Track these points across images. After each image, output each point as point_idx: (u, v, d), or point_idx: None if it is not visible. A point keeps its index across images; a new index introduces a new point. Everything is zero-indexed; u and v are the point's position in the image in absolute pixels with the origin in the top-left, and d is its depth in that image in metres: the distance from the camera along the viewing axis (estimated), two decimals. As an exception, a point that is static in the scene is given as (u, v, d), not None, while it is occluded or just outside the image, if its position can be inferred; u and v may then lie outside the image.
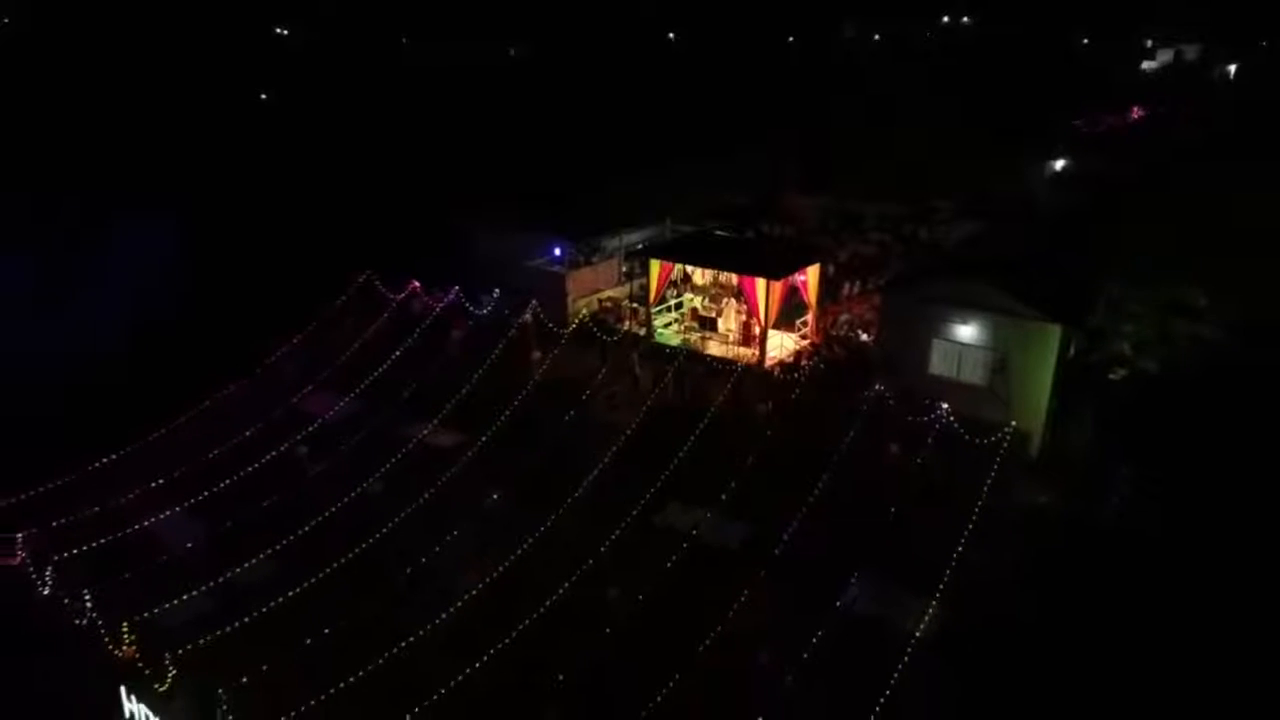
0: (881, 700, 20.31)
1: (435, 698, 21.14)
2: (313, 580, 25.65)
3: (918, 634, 22.11)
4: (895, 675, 20.84)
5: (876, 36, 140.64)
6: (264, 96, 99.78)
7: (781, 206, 51.54)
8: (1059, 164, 54.71)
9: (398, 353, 35.93)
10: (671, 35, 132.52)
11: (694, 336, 37.20)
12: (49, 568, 26.44)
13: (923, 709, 20.61)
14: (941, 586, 23.16)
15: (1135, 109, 71.16)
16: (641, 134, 62.72)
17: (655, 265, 37.07)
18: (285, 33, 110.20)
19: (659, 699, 20.71)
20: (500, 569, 25.50)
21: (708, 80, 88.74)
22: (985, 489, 25.54)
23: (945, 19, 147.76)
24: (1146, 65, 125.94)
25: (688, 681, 21.24)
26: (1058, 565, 23.86)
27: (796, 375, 32.59)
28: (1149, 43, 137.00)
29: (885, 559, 24.19)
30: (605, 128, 65.22)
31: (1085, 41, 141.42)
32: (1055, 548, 24.47)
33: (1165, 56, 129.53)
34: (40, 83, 74.66)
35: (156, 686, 23.18)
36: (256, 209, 47.76)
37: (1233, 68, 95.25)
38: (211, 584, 26.18)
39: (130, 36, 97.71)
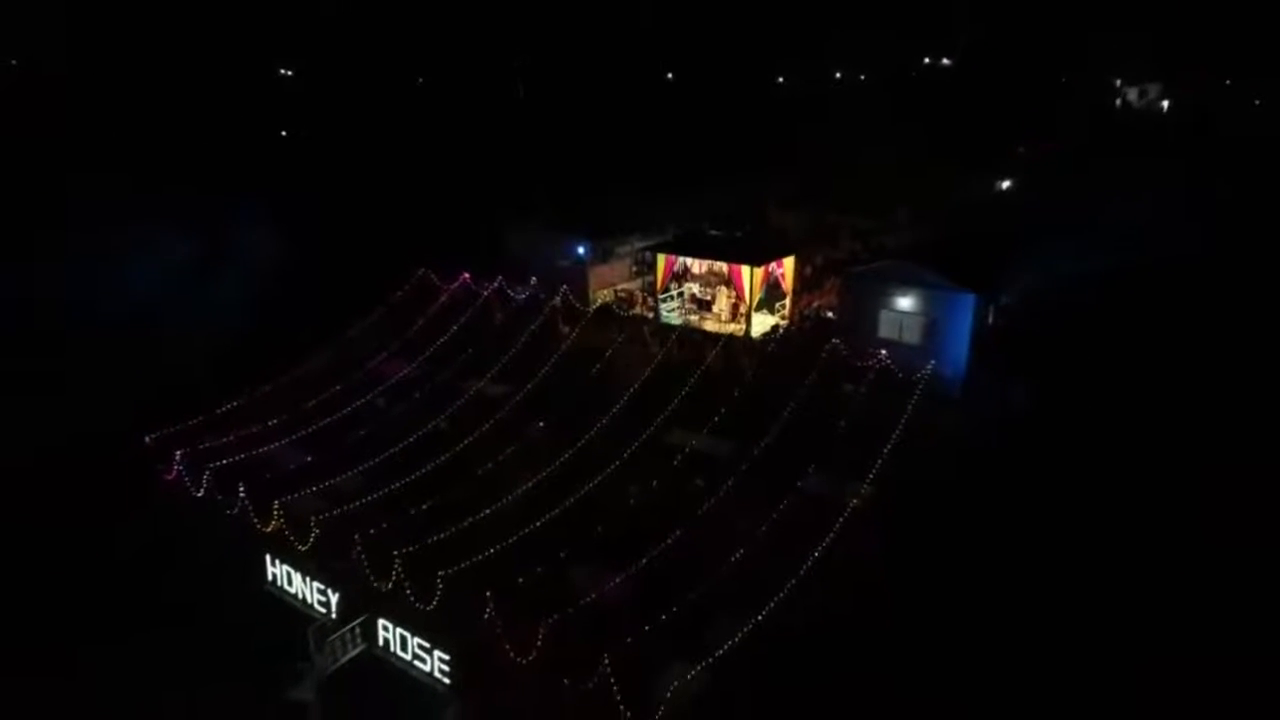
0: (824, 545, 28.73)
1: (503, 544, 29.53)
2: (404, 481, 34.12)
3: (854, 504, 30.47)
4: (835, 530, 29.24)
5: (862, 77, 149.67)
6: (284, 133, 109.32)
7: (767, 218, 60.12)
8: (1005, 184, 63.81)
9: (454, 328, 44.48)
10: (670, 75, 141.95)
11: (693, 317, 45.60)
12: (205, 475, 34.79)
13: (855, 552, 28.97)
14: (873, 475, 31.59)
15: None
16: (646, 156, 71.77)
17: (661, 259, 45.66)
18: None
19: (668, 543, 29.08)
20: (546, 471, 33.88)
21: (704, 111, 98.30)
22: (909, 409, 34.00)
23: (926, 60, 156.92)
24: (1116, 102, 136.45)
25: (688, 536, 29.64)
26: (961, 462, 32.15)
27: (774, 335, 41.20)
28: (1118, 82, 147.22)
29: (835, 457, 32.52)
30: (617, 152, 74.36)
31: (1061, 80, 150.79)
32: (960, 451, 32.76)
33: (1131, 95, 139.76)
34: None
35: (300, 547, 31.52)
36: (337, 219, 57.10)
37: (1165, 103, 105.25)
38: (322, 486, 34.56)
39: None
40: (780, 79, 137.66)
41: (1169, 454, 31.48)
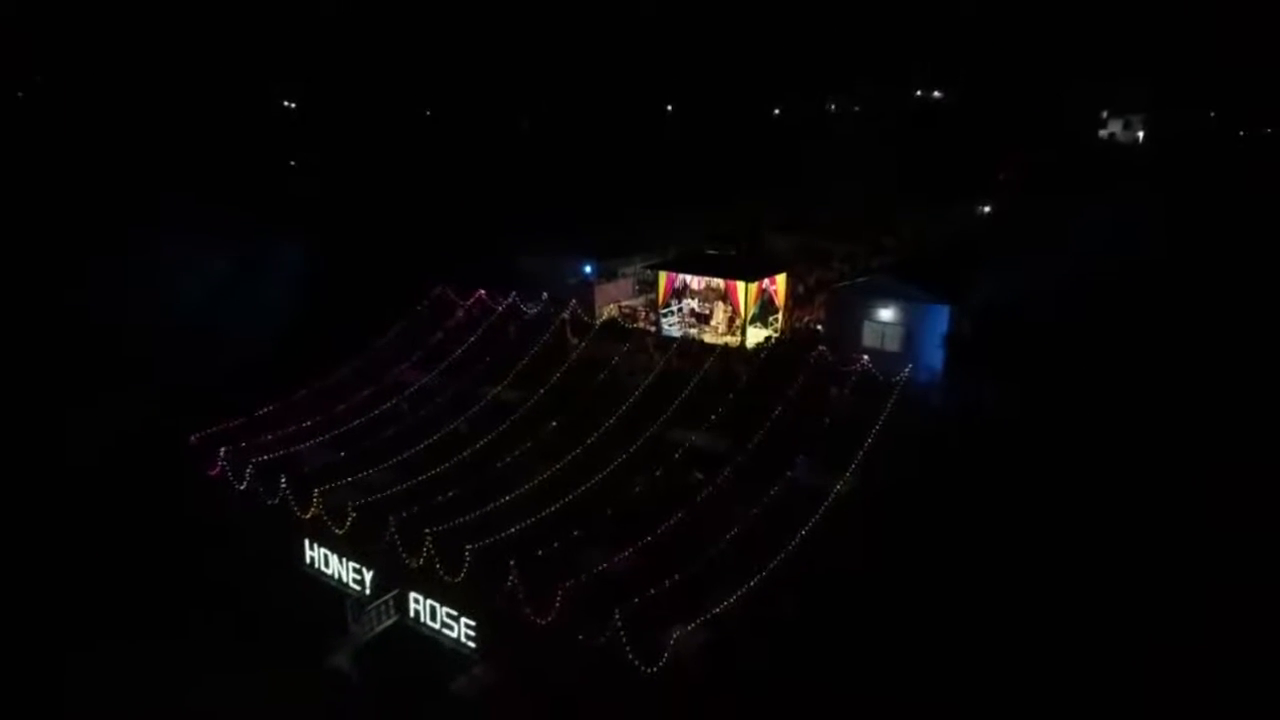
0: (809, 526, 32.09)
1: (523, 524, 32.89)
2: (430, 475, 37.50)
3: (838, 489, 33.84)
4: (819, 514, 32.62)
5: (856, 108, 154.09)
6: (292, 163, 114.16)
7: (763, 241, 63.88)
8: (986, 208, 67.93)
9: (471, 339, 48.04)
10: (669, 107, 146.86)
11: (692, 330, 49.11)
12: (248, 470, 38.17)
13: (839, 534, 32.31)
14: (854, 466, 35.00)
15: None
16: (649, 181, 76.04)
17: (662, 277, 49.27)
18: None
19: (670, 523, 32.45)
20: (559, 465, 37.25)
21: (703, 139, 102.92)
22: (888, 408, 37.46)
23: (919, 93, 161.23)
24: (1101, 133, 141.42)
25: (688, 519, 32.99)
26: (935, 455, 35.51)
27: (767, 346, 44.74)
28: (1105, 114, 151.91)
29: (821, 450, 35.91)
30: (622, 178, 78.67)
31: (1049, 113, 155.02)
32: (934, 446, 36.11)
33: (1115, 126, 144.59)
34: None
35: (337, 531, 34.79)
36: (365, 240, 61.41)
37: (1140, 134, 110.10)
38: (355, 478, 37.91)
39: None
40: (776, 110, 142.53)
41: (1130, 447, 34.93)
